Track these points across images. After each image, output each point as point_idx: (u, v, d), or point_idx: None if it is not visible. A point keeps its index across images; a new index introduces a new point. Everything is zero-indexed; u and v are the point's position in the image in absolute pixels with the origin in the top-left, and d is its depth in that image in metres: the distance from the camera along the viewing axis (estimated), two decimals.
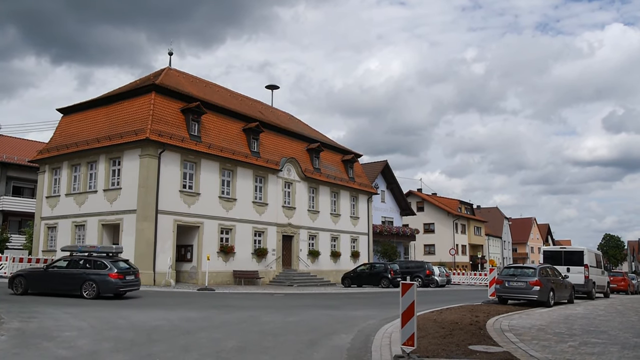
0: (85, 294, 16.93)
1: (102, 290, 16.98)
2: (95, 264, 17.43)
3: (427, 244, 63.70)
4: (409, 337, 7.66)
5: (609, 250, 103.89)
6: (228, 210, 28.88)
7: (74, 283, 17.22)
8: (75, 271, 17.46)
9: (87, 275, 17.15)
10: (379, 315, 14.28)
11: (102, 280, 16.96)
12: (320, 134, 41.75)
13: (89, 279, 17.05)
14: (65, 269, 17.71)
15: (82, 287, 17.06)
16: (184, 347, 8.70)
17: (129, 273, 17.75)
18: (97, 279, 17.00)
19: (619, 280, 33.95)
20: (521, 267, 20.21)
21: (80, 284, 17.09)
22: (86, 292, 16.99)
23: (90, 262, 17.57)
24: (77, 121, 29.36)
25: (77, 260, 17.91)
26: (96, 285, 16.90)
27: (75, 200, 27.71)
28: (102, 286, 16.95)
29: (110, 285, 17.07)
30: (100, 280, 16.96)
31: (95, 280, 16.97)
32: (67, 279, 17.40)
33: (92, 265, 17.40)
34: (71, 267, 17.70)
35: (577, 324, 13.04)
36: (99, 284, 16.93)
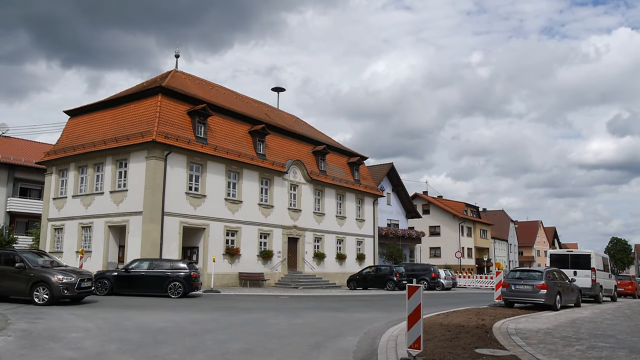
0: (171, 294, 19.27)
1: (187, 289, 19.49)
2: (175, 266, 19.89)
3: (433, 247, 63.54)
4: (415, 340, 7.63)
5: (616, 254, 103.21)
6: (234, 212, 28.92)
7: (159, 284, 19.45)
8: (160, 272, 19.63)
9: (172, 276, 19.54)
10: (384, 317, 14.25)
11: (187, 279, 19.46)
12: (326, 137, 41.76)
13: (175, 279, 19.43)
14: (147, 271, 19.94)
15: (167, 287, 19.43)
16: (189, 348, 8.71)
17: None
18: (183, 279, 19.16)
19: (626, 284, 33.75)
20: (528, 270, 20.14)
21: (167, 285, 19.39)
22: (172, 291, 19.33)
23: (171, 263, 20.17)
24: (84, 123, 29.50)
25: (159, 262, 20.39)
26: (182, 285, 19.32)
27: (81, 202, 27.82)
28: (187, 286, 19.44)
29: (192, 285, 19.65)
30: (185, 279, 19.41)
31: (181, 280, 19.37)
32: (152, 280, 19.56)
33: (173, 267, 19.82)
34: (153, 268, 19.95)
35: (584, 328, 12.96)
36: (184, 284, 19.35)
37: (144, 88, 28.33)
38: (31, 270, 15.04)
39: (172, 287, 19.36)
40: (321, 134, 41.47)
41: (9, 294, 15.35)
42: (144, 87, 28.81)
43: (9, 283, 15.11)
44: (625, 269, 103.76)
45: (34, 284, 14.81)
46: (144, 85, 29.51)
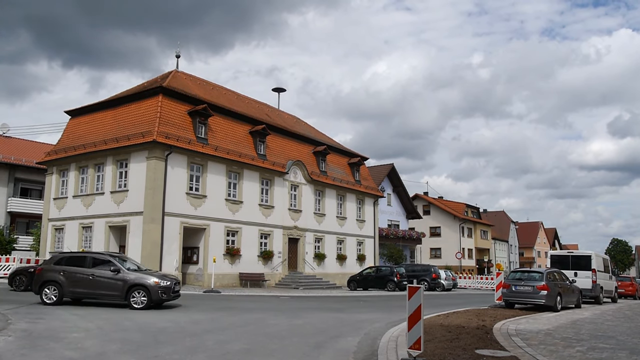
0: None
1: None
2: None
3: (434, 248, 63.52)
4: (415, 341, 7.63)
5: (617, 255, 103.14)
6: (234, 212, 28.92)
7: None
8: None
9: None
10: (385, 318, 14.25)
11: None
12: (327, 137, 41.76)
13: None
14: None
15: None
16: (190, 349, 8.71)
17: None
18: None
19: (627, 285, 33.71)
20: (528, 271, 20.12)
21: None
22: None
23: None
24: (85, 123, 29.51)
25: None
26: None
27: (82, 202, 27.83)
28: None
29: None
30: None
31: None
32: None
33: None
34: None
35: (585, 329, 12.95)
36: None
37: (144, 88, 28.34)
38: (126, 274, 14.99)
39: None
40: (322, 135, 41.47)
41: (105, 299, 15.27)
42: (145, 87, 28.82)
43: (105, 289, 14.95)
44: (626, 270, 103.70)
45: (130, 289, 14.77)
46: (145, 86, 29.52)
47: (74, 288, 14.98)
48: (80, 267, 15.17)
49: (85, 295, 15.23)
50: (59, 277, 14.95)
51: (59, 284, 14.89)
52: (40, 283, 15.01)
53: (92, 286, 14.92)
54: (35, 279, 15.26)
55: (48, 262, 15.87)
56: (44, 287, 14.94)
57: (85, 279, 14.94)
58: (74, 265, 15.26)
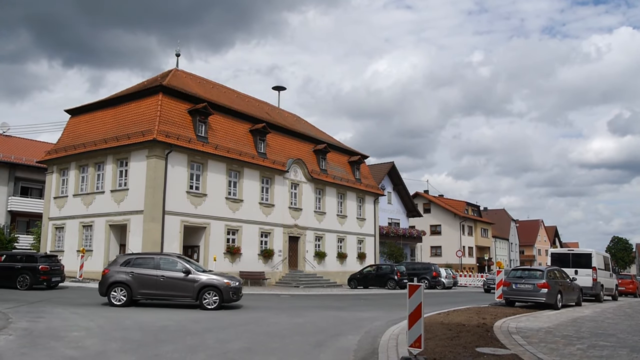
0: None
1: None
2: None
3: (434, 246, 63.51)
4: (416, 339, 7.63)
5: (617, 253, 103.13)
6: (235, 211, 28.92)
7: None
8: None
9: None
10: (385, 316, 14.26)
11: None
12: (327, 135, 41.74)
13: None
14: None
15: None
16: (191, 347, 8.71)
17: None
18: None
19: (627, 283, 33.70)
20: (529, 270, 20.12)
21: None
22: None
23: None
24: (85, 122, 29.50)
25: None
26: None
27: (82, 201, 27.83)
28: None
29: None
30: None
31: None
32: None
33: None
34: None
35: (585, 327, 12.95)
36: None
37: (144, 87, 28.33)
38: (197, 276, 15.21)
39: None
40: (322, 133, 41.45)
41: (175, 300, 15.47)
42: (145, 86, 28.80)
43: (176, 290, 15.13)
44: (627, 268, 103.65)
45: (202, 290, 14.97)
46: (145, 84, 29.50)
47: (144, 289, 15.04)
48: (148, 269, 15.25)
49: (155, 296, 15.31)
50: (127, 279, 14.94)
51: (128, 286, 14.90)
52: (108, 284, 14.95)
53: (163, 287, 15.06)
54: (102, 280, 15.17)
55: (114, 263, 15.80)
56: (111, 288, 14.90)
57: (154, 280, 15.04)
58: (141, 266, 15.30)
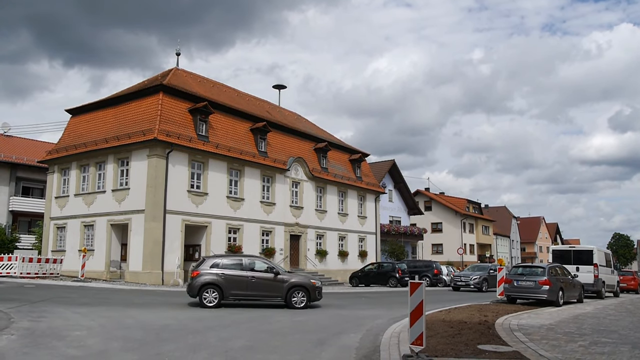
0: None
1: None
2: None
3: (435, 244, 63.49)
4: (417, 337, 7.63)
5: (619, 250, 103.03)
6: (236, 210, 28.93)
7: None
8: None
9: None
10: (387, 314, 14.26)
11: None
12: (328, 134, 41.71)
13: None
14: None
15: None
16: (192, 346, 8.72)
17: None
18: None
19: (629, 280, 33.68)
20: (530, 267, 20.13)
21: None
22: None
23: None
24: (86, 122, 29.51)
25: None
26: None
27: (84, 201, 27.85)
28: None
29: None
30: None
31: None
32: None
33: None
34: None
35: (587, 324, 12.95)
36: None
37: (145, 86, 28.31)
38: (286, 276, 15.91)
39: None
40: (323, 131, 41.42)
41: (265, 300, 16.01)
42: (145, 85, 28.79)
43: (268, 290, 15.63)
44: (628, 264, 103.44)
45: (290, 290, 15.55)
46: (145, 84, 29.48)
47: (234, 290, 15.37)
48: (238, 270, 15.62)
49: (245, 297, 15.66)
50: (219, 281, 15.18)
51: (219, 287, 15.12)
52: (199, 286, 15.06)
53: (253, 288, 15.47)
54: (193, 282, 15.27)
55: (201, 265, 15.81)
56: (203, 290, 15.03)
57: (245, 281, 15.42)
58: (230, 268, 15.61)
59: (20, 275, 24.47)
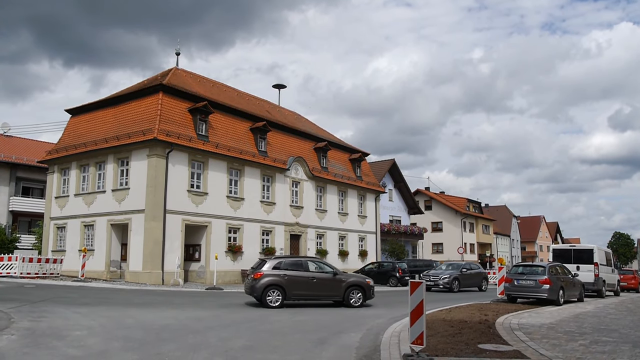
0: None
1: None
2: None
3: (435, 243, 63.48)
4: (418, 336, 7.63)
5: (619, 248, 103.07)
6: (236, 209, 28.92)
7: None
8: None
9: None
10: (387, 314, 14.26)
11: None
12: (328, 133, 41.70)
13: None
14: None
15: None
16: (193, 346, 8.71)
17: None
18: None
19: (629, 279, 33.65)
20: (530, 266, 20.11)
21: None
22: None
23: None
24: (86, 122, 29.49)
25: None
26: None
27: (84, 201, 27.85)
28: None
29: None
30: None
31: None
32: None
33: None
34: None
35: (588, 323, 12.95)
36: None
37: (144, 86, 28.30)
38: (344, 276, 16.78)
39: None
40: (323, 131, 41.41)
41: (324, 299, 16.78)
42: (145, 85, 28.77)
43: (328, 290, 16.37)
44: (628, 263, 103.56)
45: (348, 289, 16.36)
46: (145, 84, 29.47)
47: (297, 291, 15.97)
48: (300, 271, 16.25)
49: (306, 297, 16.37)
50: (282, 281, 15.69)
51: (282, 288, 15.62)
52: (263, 287, 15.48)
53: (314, 288, 16.18)
54: (256, 283, 15.62)
55: (262, 266, 16.16)
56: (267, 291, 15.48)
57: (306, 281, 16.06)
58: (292, 269, 16.17)
59: (21, 275, 24.47)
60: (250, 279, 16.02)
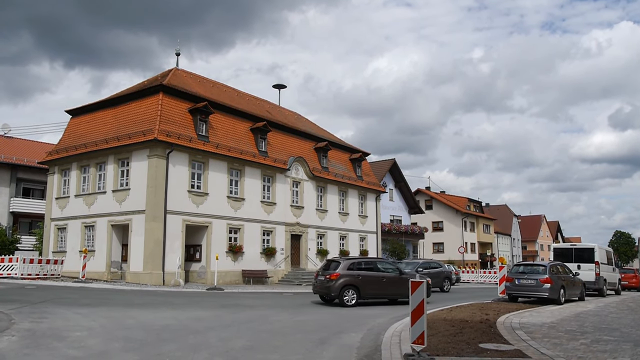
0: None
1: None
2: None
3: (436, 242, 63.49)
4: (419, 336, 7.61)
5: (620, 247, 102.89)
6: (236, 209, 28.91)
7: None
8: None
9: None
10: (388, 313, 14.25)
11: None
12: (328, 133, 41.69)
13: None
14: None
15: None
16: (193, 346, 8.70)
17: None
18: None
19: (630, 277, 33.60)
20: (531, 265, 20.08)
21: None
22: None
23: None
24: (86, 122, 29.50)
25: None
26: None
27: (84, 201, 27.85)
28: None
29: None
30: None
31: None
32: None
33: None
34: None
35: (589, 322, 12.93)
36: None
37: (145, 86, 28.30)
38: (409, 275, 17.48)
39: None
40: (323, 131, 41.40)
41: (392, 297, 17.91)
42: (145, 85, 28.78)
43: (395, 288, 17.53)
44: (629, 262, 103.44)
45: None
46: (145, 84, 29.47)
47: (370, 290, 17.09)
48: (372, 271, 17.60)
49: (378, 295, 17.52)
50: (357, 281, 16.81)
51: (357, 288, 16.73)
52: (340, 287, 16.50)
53: (384, 288, 17.46)
54: (335, 284, 16.57)
55: (337, 267, 17.10)
56: (344, 290, 16.53)
57: (378, 281, 17.40)
58: (365, 269, 17.53)
59: (21, 276, 24.46)
60: (324, 279, 17.00)
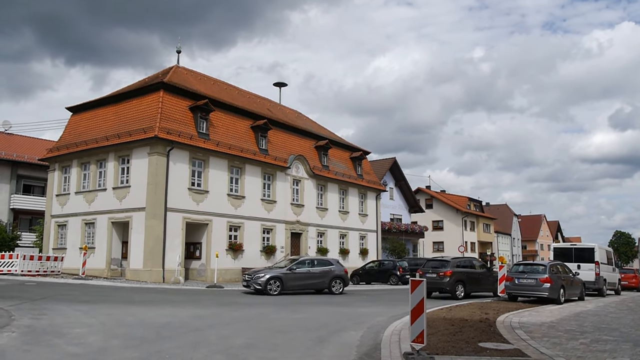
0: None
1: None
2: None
3: (436, 241, 63.48)
4: (418, 334, 7.61)
5: (620, 247, 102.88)
6: (237, 207, 28.92)
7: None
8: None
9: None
10: (387, 312, 14.25)
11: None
12: (329, 132, 41.68)
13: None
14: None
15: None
16: (193, 343, 8.71)
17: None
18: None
19: (630, 277, 33.59)
20: (531, 264, 20.08)
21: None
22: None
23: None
24: (87, 120, 29.50)
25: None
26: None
27: (85, 198, 27.86)
28: None
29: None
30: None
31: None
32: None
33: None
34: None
35: (588, 321, 12.93)
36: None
37: (145, 84, 28.28)
38: (494, 272, 21.53)
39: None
40: (324, 129, 41.39)
41: (488, 291, 21.40)
42: (146, 83, 28.77)
43: (486, 283, 21.46)
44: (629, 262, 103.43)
45: (495, 282, 20.45)
46: (146, 81, 29.46)
47: (471, 285, 20.52)
48: (471, 269, 21.34)
49: (476, 290, 20.95)
50: (465, 278, 20.33)
51: (464, 283, 20.23)
52: (453, 282, 19.78)
53: (480, 282, 21.17)
54: (449, 280, 19.72)
55: (449, 266, 20.28)
56: (455, 285, 19.82)
57: (477, 277, 21.13)
58: (466, 267, 21.24)
59: (22, 273, 24.48)
60: (437, 276, 19.86)
